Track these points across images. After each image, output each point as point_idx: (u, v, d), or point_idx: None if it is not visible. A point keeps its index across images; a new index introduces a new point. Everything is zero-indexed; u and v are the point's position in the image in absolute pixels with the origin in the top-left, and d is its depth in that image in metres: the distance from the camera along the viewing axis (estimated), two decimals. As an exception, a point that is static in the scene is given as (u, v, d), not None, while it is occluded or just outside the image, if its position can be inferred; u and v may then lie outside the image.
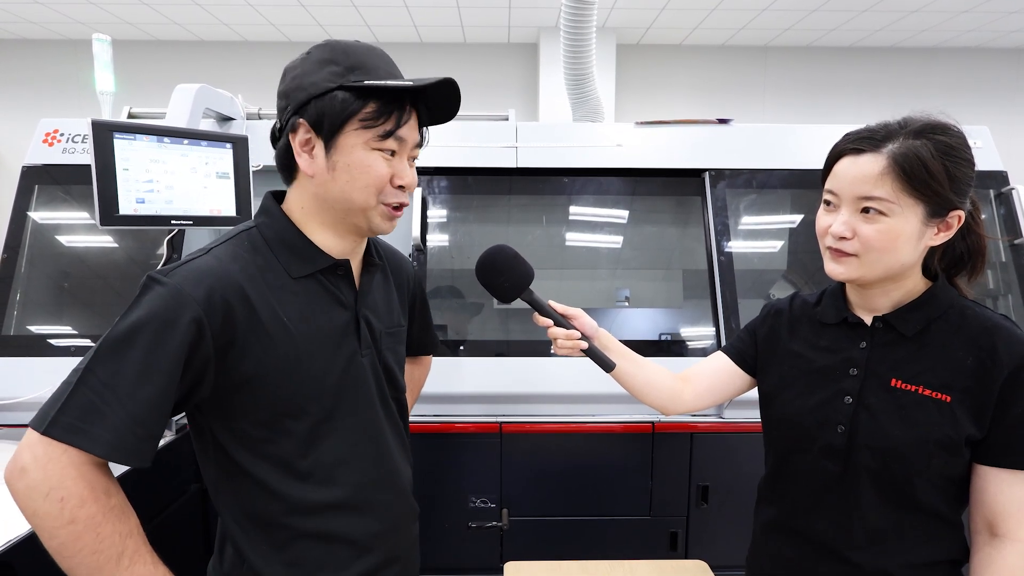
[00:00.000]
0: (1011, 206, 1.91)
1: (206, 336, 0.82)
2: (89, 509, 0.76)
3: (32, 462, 0.75)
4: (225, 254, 0.88)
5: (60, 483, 0.75)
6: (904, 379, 0.94)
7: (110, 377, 0.77)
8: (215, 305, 0.83)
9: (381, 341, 1.02)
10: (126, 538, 0.79)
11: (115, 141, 1.42)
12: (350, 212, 0.92)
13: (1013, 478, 0.89)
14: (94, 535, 0.76)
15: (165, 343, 0.79)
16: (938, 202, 0.89)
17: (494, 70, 6.36)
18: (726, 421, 1.81)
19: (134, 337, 0.79)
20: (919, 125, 0.90)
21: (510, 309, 1.99)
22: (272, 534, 0.91)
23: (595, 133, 2.04)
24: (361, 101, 0.88)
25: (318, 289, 0.94)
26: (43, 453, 0.75)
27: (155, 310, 0.80)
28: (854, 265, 0.94)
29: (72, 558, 0.76)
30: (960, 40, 6.25)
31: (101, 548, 0.77)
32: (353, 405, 0.96)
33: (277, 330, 0.88)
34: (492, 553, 1.84)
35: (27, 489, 0.75)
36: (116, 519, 0.79)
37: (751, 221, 2.01)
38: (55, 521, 0.75)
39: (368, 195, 0.91)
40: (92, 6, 5.33)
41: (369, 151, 0.90)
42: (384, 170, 0.91)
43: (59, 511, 0.75)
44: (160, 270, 0.84)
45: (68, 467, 0.76)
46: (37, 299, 1.82)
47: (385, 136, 0.89)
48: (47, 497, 0.75)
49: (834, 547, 0.98)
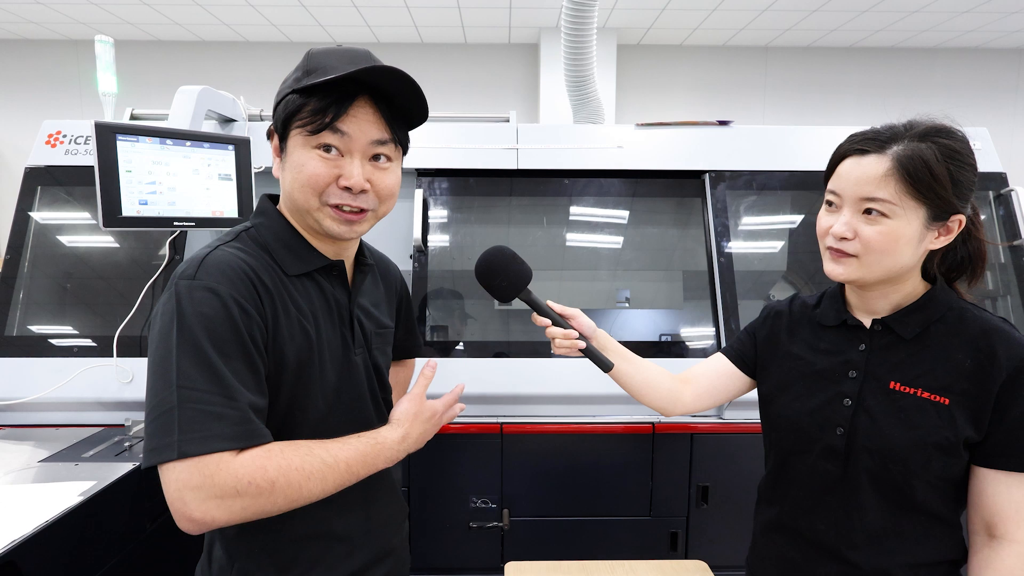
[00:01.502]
0: (1010, 207, 1.91)
1: (250, 312, 0.83)
2: (272, 465, 0.78)
3: (192, 492, 0.74)
4: (232, 249, 0.89)
5: (236, 476, 0.75)
6: (903, 382, 0.95)
7: (200, 383, 0.77)
8: (240, 284, 0.84)
9: (372, 341, 1.04)
10: (313, 447, 0.83)
11: (118, 143, 1.43)
12: (304, 214, 0.92)
13: (1011, 480, 0.90)
14: (298, 471, 0.79)
15: (231, 332, 0.80)
16: (940, 205, 0.89)
17: (495, 70, 6.36)
18: (726, 422, 1.82)
19: (199, 339, 0.79)
20: (924, 128, 0.90)
21: (511, 310, 2.00)
22: (263, 533, 0.92)
23: (596, 135, 2.05)
24: (303, 99, 0.87)
25: (314, 288, 0.95)
26: (198, 472, 0.74)
27: (203, 312, 0.80)
28: (854, 266, 0.94)
29: (300, 489, 0.79)
30: (961, 40, 6.25)
31: (311, 467, 0.80)
32: (348, 403, 0.97)
33: (290, 320, 0.89)
34: (493, 553, 1.85)
35: (208, 509, 0.74)
36: (290, 450, 0.81)
37: (751, 222, 2.02)
38: (269, 496, 0.77)
39: (307, 195, 0.89)
40: (93, 6, 5.33)
41: (307, 149, 0.88)
42: (317, 169, 0.88)
43: (259, 490, 0.76)
44: (183, 273, 0.84)
45: (226, 464, 0.75)
46: (40, 300, 1.83)
47: (316, 131, 0.86)
48: (238, 493, 0.75)
49: (834, 547, 0.99)
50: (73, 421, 1.75)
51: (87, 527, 1.28)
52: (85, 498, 1.27)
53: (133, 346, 1.74)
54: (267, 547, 0.92)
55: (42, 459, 1.49)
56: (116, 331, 1.73)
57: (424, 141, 1.98)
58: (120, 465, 1.45)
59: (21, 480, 1.37)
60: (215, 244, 0.90)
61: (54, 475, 1.39)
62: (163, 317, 0.81)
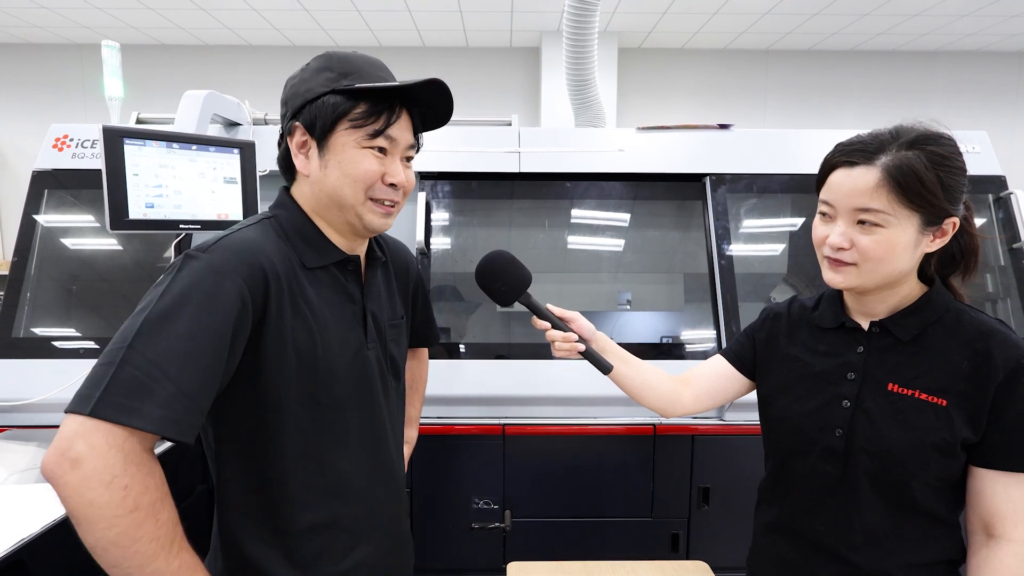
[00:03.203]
0: (1010, 210, 1.92)
1: (247, 308, 0.83)
2: (152, 495, 0.74)
3: (89, 450, 0.70)
4: (255, 233, 0.91)
5: (124, 470, 0.72)
6: (901, 383, 0.96)
7: (156, 354, 0.75)
8: (255, 276, 0.84)
9: (386, 334, 1.06)
10: (176, 524, 0.78)
11: (125, 147, 1.44)
12: (343, 209, 0.96)
13: (1009, 480, 0.91)
14: (154, 522, 0.74)
15: (211, 315, 0.79)
16: (933, 211, 0.90)
17: (496, 74, 6.38)
18: (727, 424, 1.83)
19: (177, 311, 0.77)
20: (911, 136, 0.91)
21: (512, 312, 2.01)
22: (272, 526, 0.93)
23: (597, 138, 2.06)
24: (352, 102, 0.93)
25: (330, 281, 0.98)
26: (101, 440, 0.71)
27: (197, 283, 0.79)
28: (853, 274, 0.95)
29: (130, 547, 0.72)
30: (961, 44, 6.26)
31: (159, 535, 0.75)
32: (359, 397, 0.99)
33: (300, 312, 0.91)
34: (495, 554, 1.86)
35: (83, 479, 0.70)
36: (170, 505, 0.77)
37: (752, 225, 2.03)
38: (117, 510, 0.71)
39: (357, 190, 0.95)
40: (97, 11, 5.36)
41: (359, 149, 0.94)
42: (374, 166, 0.94)
43: (122, 499, 0.71)
44: (197, 247, 0.84)
45: (131, 453, 0.73)
46: (46, 302, 1.85)
47: (374, 135, 0.94)
48: (109, 485, 0.71)
49: (833, 548, 0.99)
50: (79, 422, 1.76)
51: (94, 527, 1.29)
52: (92, 498, 1.28)
53: (138, 348, 1.75)
54: (277, 539, 0.93)
55: (49, 460, 1.50)
56: (121, 333, 1.75)
57: (428, 144, 1.97)
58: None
59: (28, 480, 1.38)
60: (237, 227, 0.92)
61: (61, 475, 1.40)
62: (159, 282, 0.82)
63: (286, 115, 0.97)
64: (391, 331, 1.09)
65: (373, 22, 5.63)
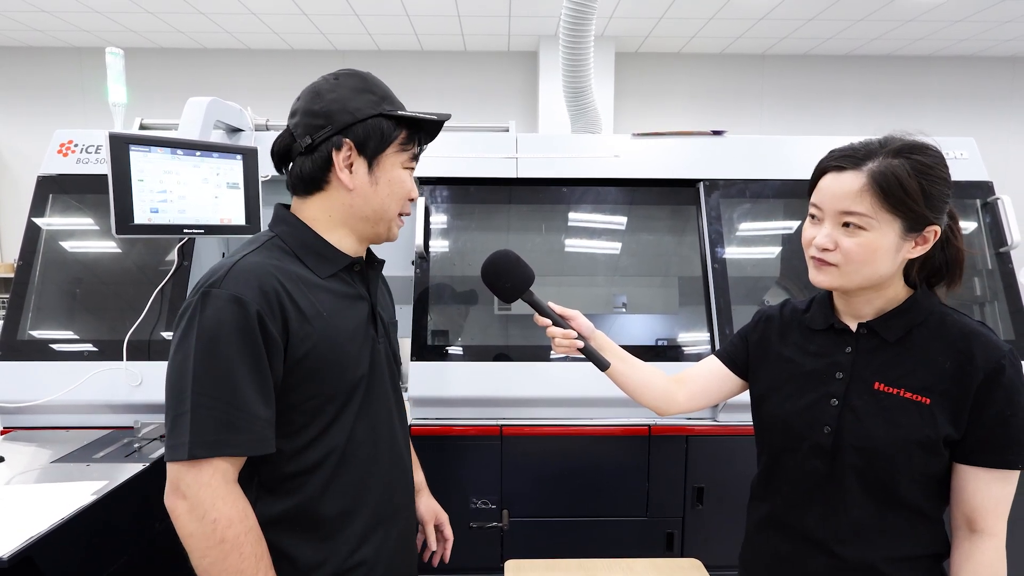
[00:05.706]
0: (996, 215, 1.96)
1: (268, 325, 0.90)
2: (236, 529, 0.86)
3: (187, 489, 0.85)
4: (260, 257, 0.96)
5: (212, 505, 0.84)
6: (887, 382, 0.99)
7: (218, 391, 0.86)
8: (268, 296, 0.91)
9: (389, 331, 1.15)
10: (260, 559, 0.88)
11: (131, 153, 1.47)
12: (380, 221, 1.06)
13: (989, 476, 0.94)
14: (238, 555, 0.86)
15: (245, 342, 0.88)
16: (914, 218, 0.94)
17: (494, 78, 6.42)
18: (720, 424, 1.86)
19: (217, 349, 0.87)
20: (898, 145, 0.95)
21: (510, 315, 2.04)
22: (304, 518, 0.98)
23: (593, 144, 2.09)
24: (398, 128, 1.03)
25: (341, 286, 1.04)
26: (194, 479, 0.84)
27: (223, 319, 0.88)
28: (835, 274, 0.99)
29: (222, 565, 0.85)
30: (955, 49, 6.32)
31: (243, 568, 0.86)
32: (376, 390, 1.06)
33: (317, 319, 0.96)
34: (493, 553, 1.88)
35: (186, 513, 0.85)
36: (255, 540, 0.88)
37: (745, 230, 2.06)
38: (207, 541, 0.84)
39: (400, 206, 1.07)
40: (97, 15, 5.39)
41: (402, 169, 1.06)
42: (412, 185, 1.08)
43: (211, 531, 0.84)
44: (210, 283, 0.90)
45: (219, 488, 0.85)
46: (50, 305, 1.87)
47: (415, 158, 1.07)
48: (203, 519, 0.84)
49: (822, 542, 1.03)
50: (84, 423, 1.79)
51: (100, 524, 1.32)
52: (98, 497, 1.30)
53: (142, 350, 1.78)
54: (307, 532, 0.98)
55: (55, 460, 1.53)
56: (125, 335, 1.77)
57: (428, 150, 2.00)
58: (130, 465, 1.48)
59: (35, 480, 1.41)
60: (242, 252, 0.97)
61: (67, 475, 1.43)
62: (185, 322, 0.88)
63: (325, 127, 0.99)
64: (392, 328, 1.18)
65: (372, 26, 5.67)
